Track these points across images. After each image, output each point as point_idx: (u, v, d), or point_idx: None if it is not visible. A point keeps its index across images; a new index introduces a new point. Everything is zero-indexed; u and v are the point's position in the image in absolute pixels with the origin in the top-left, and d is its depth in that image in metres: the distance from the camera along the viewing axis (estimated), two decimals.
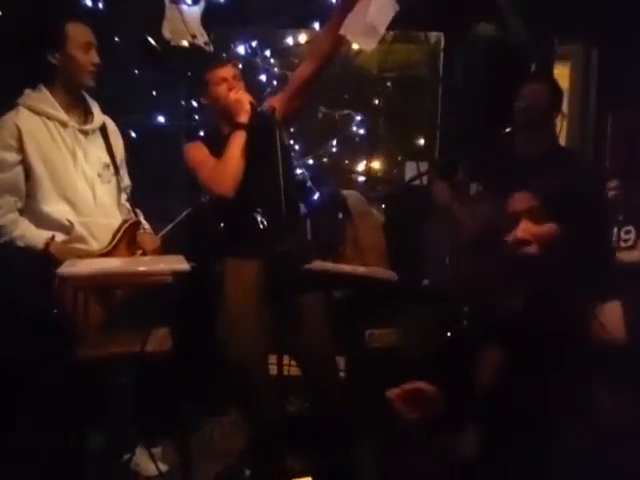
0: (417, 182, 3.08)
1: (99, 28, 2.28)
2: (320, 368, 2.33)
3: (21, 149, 2.17)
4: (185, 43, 2.80)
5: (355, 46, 3.34)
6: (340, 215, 2.92)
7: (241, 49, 3.31)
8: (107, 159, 2.35)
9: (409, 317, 2.43)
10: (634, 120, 3.22)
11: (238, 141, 2.25)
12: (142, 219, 2.42)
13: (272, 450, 2.12)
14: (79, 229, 2.23)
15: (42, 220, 2.21)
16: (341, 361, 2.52)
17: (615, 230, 2.74)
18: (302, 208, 2.77)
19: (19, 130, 2.17)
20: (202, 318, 2.37)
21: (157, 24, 2.48)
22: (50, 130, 2.23)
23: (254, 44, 3.34)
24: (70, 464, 2.07)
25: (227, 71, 2.34)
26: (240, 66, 2.43)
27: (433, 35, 3.66)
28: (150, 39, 2.75)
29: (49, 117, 2.23)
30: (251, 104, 2.26)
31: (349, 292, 2.64)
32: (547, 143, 2.62)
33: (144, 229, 2.39)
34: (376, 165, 3.73)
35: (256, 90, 3.32)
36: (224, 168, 2.23)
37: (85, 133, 2.30)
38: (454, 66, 3.47)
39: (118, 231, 2.29)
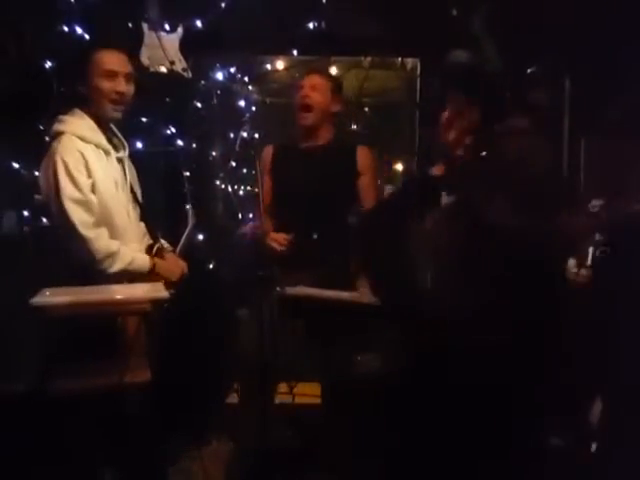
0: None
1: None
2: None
3: (89, 175, 2.08)
4: (163, 69, 2.79)
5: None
6: None
7: (219, 75, 3.32)
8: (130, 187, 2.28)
9: (394, 341, 2.41)
10: (607, 146, 3.29)
11: None
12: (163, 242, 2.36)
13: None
14: None
15: None
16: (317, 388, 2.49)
17: (591, 249, 2.77)
18: None
19: (83, 156, 2.07)
20: (182, 347, 2.32)
21: (136, 51, 2.47)
22: (100, 157, 2.15)
23: (232, 70, 3.35)
24: None
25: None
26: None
27: (409, 61, 3.71)
28: None
29: (97, 145, 2.14)
30: None
31: (331, 316, 2.61)
32: None
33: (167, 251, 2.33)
34: None
35: (235, 116, 3.34)
36: None
37: (119, 161, 2.24)
38: (430, 92, 3.50)
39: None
